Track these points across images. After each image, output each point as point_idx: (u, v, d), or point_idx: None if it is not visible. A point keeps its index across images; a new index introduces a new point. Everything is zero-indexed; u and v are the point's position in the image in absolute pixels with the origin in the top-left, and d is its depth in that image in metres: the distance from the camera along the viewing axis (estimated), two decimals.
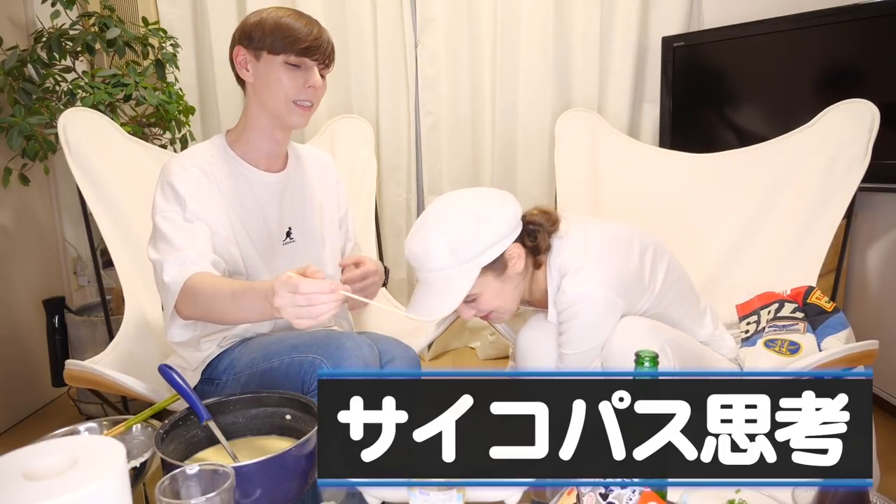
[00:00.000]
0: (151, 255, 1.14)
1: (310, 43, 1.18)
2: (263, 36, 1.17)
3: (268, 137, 1.26)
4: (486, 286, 1.22)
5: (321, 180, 1.40)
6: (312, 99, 1.22)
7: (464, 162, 2.61)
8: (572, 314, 1.21)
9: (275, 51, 1.17)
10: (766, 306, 1.55)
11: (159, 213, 1.17)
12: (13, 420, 2.17)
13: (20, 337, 2.19)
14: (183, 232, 1.13)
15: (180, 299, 1.06)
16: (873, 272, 2.14)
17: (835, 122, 1.61)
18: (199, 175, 1.20)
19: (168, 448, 0.88)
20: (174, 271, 1.06)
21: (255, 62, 1.20)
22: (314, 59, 1.19)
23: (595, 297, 1.19)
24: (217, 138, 1.29)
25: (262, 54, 1.19)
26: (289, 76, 1.18)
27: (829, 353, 1.21)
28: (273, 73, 1.18)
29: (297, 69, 1.19)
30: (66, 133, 1.50)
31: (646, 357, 0.73)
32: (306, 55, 1.18)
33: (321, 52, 1.20)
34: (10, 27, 2.14)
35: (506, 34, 2.46)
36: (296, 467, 0.84)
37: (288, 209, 1.31)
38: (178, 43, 2.27)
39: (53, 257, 2.38)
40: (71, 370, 1.22)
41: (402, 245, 2.62)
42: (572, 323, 1.21)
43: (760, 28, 2.10)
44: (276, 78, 1.18)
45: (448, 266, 1.17)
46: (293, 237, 1.32)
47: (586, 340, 1.22)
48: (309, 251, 1.34)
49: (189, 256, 1.09)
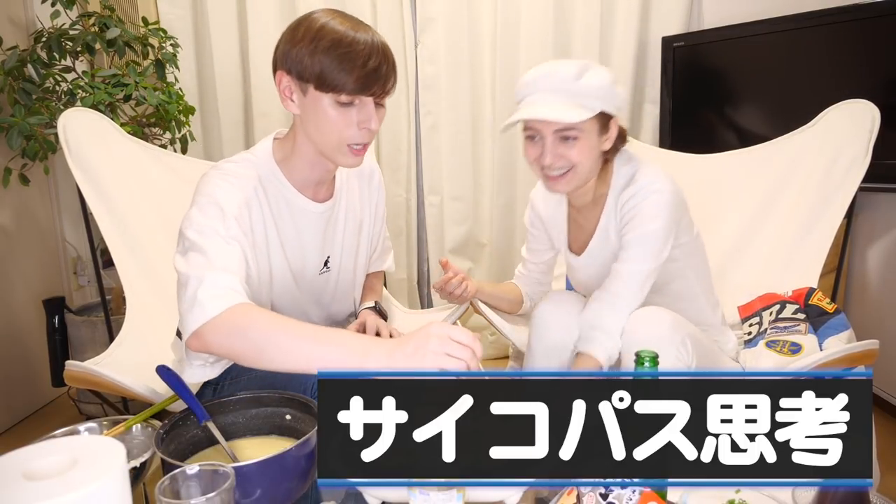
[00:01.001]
0: (180, 267, 0.97)
1: (365, 77, 0.99)
2: (311, 64, 0.99)
3: (318, 168, 1.13)
4: (590, 133, 1.20)
5: (366, 194, 1.31)
6: (368, 140, 1.07)
7: (464, 162, 2.61)
8: (640, 206, 1.22)
9: (323, 87, 1.00)
10: (768, 307, 1.55)
11: (194, 226, 1.00)
12: (13, 420, 2.17)
13: (20, 337, 2.19)
14: (222, 250, 0.98)
15: (214, 325, 0.90)
16: (873, 272, 2.14)
17: (835, 123, 1.60)
18: (245, 197, 1.07)
19: (168, 448, 0.88)
20: (214, 292, 0.91)
21: (302, 95, 1.04)
22: (370, 95, 1.02)
23: (666, 189, 1.22)
24: (264, 151, 1.14)
25: (309, 88, 1.01)
26: (342, 117, 1.02)
27: (830, 352, 1.21)
28: (321, 113, 1.02)
29: (350, 107, 1.02)
30: (66, 133, 1.50)
31: (646, 357, 0.73)
32: (361, 93, 1.01)
33: (380, 84, 1.02)
34: (10, 27, 2.14)
35: (506, 34, 2.46)
36: (296, 467, 0.84)
37: (330, 239, 1.24)
38: (178, 43, 2.27)
39: (53, 257, 2.38)
40: (71, 371, 1.22)
41: (402, 245, 2.65)
42: (638, 220, 1.22)
43: (760, 28, 2.10)
44: (326, 119, 1.02)
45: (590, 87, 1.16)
46: (330, 266, 1.25)
47: (648, 242, 1.22)
48: (344, 279, 1.30)
49: (231, 282, 0.94)
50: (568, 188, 1.25)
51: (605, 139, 1.24)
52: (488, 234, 2.67)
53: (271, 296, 1.18)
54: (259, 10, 2.45)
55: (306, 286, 1.23)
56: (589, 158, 1.22)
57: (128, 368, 1.30)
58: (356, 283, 1.36)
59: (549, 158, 1.20)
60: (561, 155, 1.20)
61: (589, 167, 1.23)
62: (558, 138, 1.19)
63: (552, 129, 1.18)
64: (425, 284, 2.84)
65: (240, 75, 2.54)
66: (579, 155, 1.20)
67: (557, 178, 1.23)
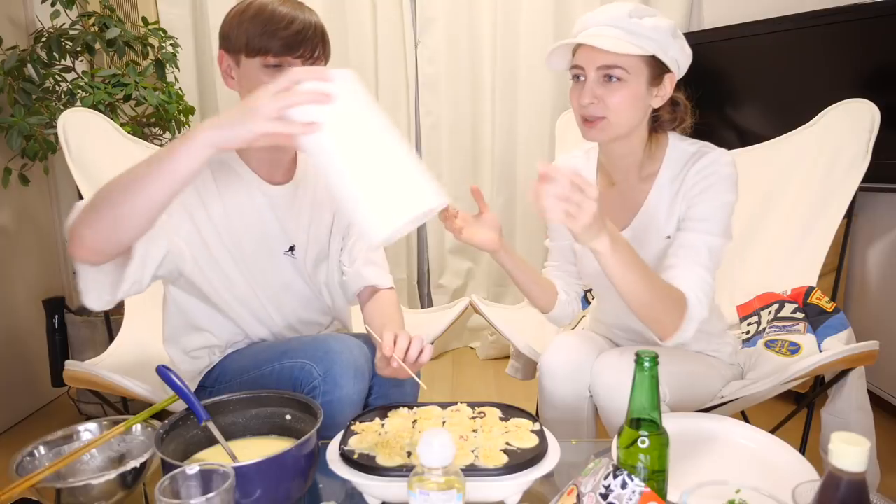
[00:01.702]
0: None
1: (288, 38, 1.00)
2: (238, 34, 1.02)
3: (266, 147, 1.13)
4: (637, 78, 1.09)
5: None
6: None
7: (464, 162, 2.61)
8: (718, 174, 1.12)
9: (250, 52, 1.02)
10: (767, 307, 1.55)
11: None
12: (13, 420, 2.17)
13: (20, 337, 2.19)
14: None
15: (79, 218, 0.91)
16: (873, 272, 2.14)
17: (835, 122, 1.60)
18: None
19: (168, 448, 0.88)
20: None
21: (237, 68, 1.06)
22: (298, 57, 1.03)
23: (732, 162, 1.14)
24: None
25: (241, 58, 1.04)
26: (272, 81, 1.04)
27: (830, 353, 1.21)
28: (254, 79, 1.02)
29: (279, 70, 1.00)
30: (66, 133, 1.50)
31: (646, 357, 0.73)
32: (287, 53, 1.02)
33: (307, 46, 1.02)
34: (10, 27, 2.14)
35: (506, 34, 2.46)
36: (296, 467, 0.84)
37: (293, 225, 1.20)
38: (177, 43, 2.27)
39: (53, 257, 2.38)
40: (71, 371, 1.22)
41: (402, 245, 2.65)
42: (714, 191, 1.12)
43: (761, 28, 2.10)
44: (258, 84, 0.97)
45: (645, 27, 1.05)
46: (295, 255, 1.21)
47: (724, 215, 1.12)
48: (314, 271, 1.25)
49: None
50: (600, 137, 1.13)
51: (656, 95, 1.12)
52: None
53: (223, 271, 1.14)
54: None
55: (268, 268, 1.18)
56: (630, 109, 1.10)
57: (128, 368, 1.30)
58: (329, 281, 1.29)
59: (587, 97, 1.09)
60: (600, 97, 1.09)
61: (627, 119, 1.11)
62: (601, 77, 1.08)
63: (596, 64, 1.08)
64: (425, 284, 2.84)
65: None
66: (620, 102, 1.08)
67: (591, 123, 1.11)
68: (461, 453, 0.85)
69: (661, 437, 0.74)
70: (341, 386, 1.06)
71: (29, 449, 0.89)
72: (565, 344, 1.31)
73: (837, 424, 1.32)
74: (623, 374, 1.03)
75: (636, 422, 0.74)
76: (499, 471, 0.82)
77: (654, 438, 0.73)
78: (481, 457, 0.85)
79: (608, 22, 1.08)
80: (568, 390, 1.25)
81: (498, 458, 0.85)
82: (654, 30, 1.07)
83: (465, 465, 0.83)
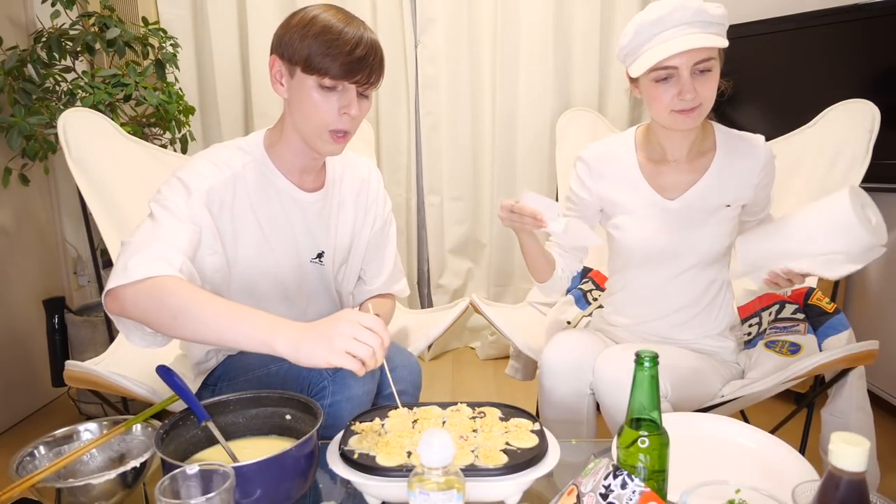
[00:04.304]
0: (126, 239, 1.00)
1: (349, 63, 1.01)
2: (300, 48, 1.02)
3: (301, 155, 1.14)
4: (718, 65, 1.19)
5: (362, 198, 1.28)
6: (349, 127, 1.07)
7: (464, 162, 2.61)
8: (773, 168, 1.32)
9: (308, 69, 1.02)
10: (768, 307, 1.55)
11: (159, 199, 1.04)
12: (13, 420, 2.17)
13: (20, 337, 2.19)
14: (172, 226, 1.01)
15: (134, 288, 0.91)
16: (873, 272, 2.14)
17: (835, 122, 1.60)
18: (222, 180, 1.09)
19: (168, 448, 0.88)
20: (145, 259, 0.94)
21: (290, 78, 1.06)
22: (354, 82, 1.04)
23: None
24: (255, 139, 1.17)
25: (297, 71, 1.04)
26: (324, 101, 1.04)
27: (829, 353, 1.21)
28: (305, 95, 1.04)
29: (333, 92, 1.04)
30: (66, 133, 1.50)
31: (646, 357, 0.73)
32: (345, 78, 1.02)
33: (364, 73, 1.03)
34: (10, 27, 2.14)
35: (506, 34, 2.46)
36: (296, 467, 0.84)
37: (324, 231, 1.22)
38: (178, 43, 2.27)
39: (53, 257, 2.38)
40: (71, 371, 1.22)
41: (403, 245, 2.65)
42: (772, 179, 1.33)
43: (761, 28, 2.10)
44: (309, 102, 1.04)
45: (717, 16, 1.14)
46: (324, 262, 1.23)
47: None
48: (333, 278, 1.27)
49: (166, 252, 0.96)
50: (694, 124, 1.20)
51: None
52: (488, 234, 2.67)
53: (257, 281, 1.16)
54: (259, 9, 2.45)
55: (299, 277, 1.21)
56: (714, 93, 1.20)
57: (128, 368, 1.30)
58: (346, 283, 1.32)
59: (688, 93, 1.15)
60: (696, 90, 1.15)
61: (712, 104, 1.20)
62: (696, 72, 1.15)
63: (692, 62, 1.13)
64: (425, 284, 2.84)
65: (240, 75, 2.54)
66: (711, 90, 1.18)
67: (687, 112, 1.17)
68: (461, 453, 0.85)
69: (661, 437, 0.74)
70: (350, 386, 1.07)
71: (29, 449, 0.89)
72: (566, 341, 1.33)
73: (837, 424, 1.32)
74: (625, 370, 1.03)
75: (636, 422, 0.74)
76: (499, 471, 0.82)
77: (654, 438, 0.73)
78: (481, 457, 0.85)
79: (691, 20, 1.13)
80: (568, 387, 1.27)
81: (498, 458, 0.85)
82: (722, 17, 1.16)
83: (465, 465, 0.83)
